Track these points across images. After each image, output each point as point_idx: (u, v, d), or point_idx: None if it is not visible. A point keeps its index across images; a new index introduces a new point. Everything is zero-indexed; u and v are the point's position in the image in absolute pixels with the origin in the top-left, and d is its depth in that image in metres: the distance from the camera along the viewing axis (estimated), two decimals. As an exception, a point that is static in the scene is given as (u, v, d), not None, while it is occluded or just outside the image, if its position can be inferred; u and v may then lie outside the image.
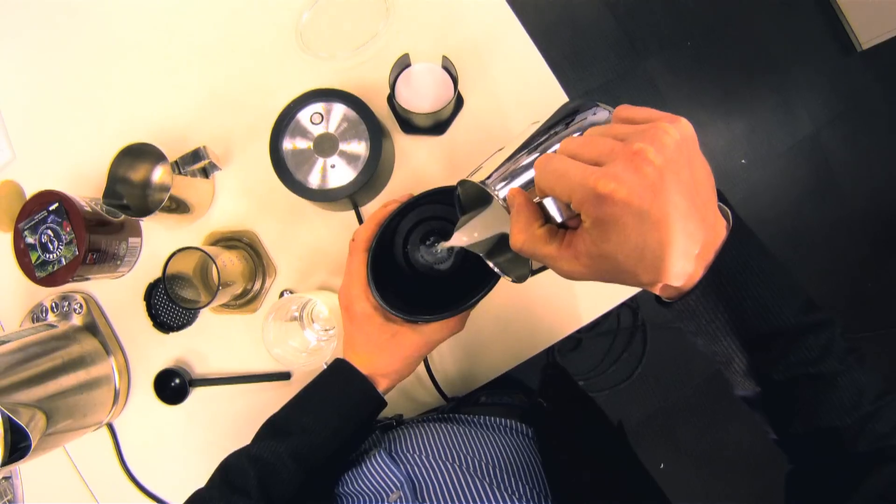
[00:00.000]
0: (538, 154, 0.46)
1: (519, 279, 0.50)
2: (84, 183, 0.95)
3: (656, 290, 0.43)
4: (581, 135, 0.42)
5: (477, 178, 0.47)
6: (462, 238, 0.55)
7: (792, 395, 0.44)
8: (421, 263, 0.71)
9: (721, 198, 0.45)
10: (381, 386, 0.66)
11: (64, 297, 0.93)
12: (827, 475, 0.45)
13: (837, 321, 0.44)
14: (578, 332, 0.92)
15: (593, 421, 0.83)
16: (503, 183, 0.45)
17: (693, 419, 2.16)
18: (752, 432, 2.06)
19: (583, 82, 2.15)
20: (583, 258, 0.41)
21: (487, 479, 0.58)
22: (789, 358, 0.43)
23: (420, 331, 0.66)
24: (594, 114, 0.47)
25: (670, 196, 0.37)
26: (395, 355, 0.65)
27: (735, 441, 2.13)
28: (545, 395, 0.80)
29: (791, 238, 2.18)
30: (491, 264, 0.54)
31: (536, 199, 0.43)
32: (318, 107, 0.77)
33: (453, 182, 0.57)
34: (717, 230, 0.41)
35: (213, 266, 0.75)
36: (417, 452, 0.63)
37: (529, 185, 0.45)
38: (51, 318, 0.93)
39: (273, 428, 0.65)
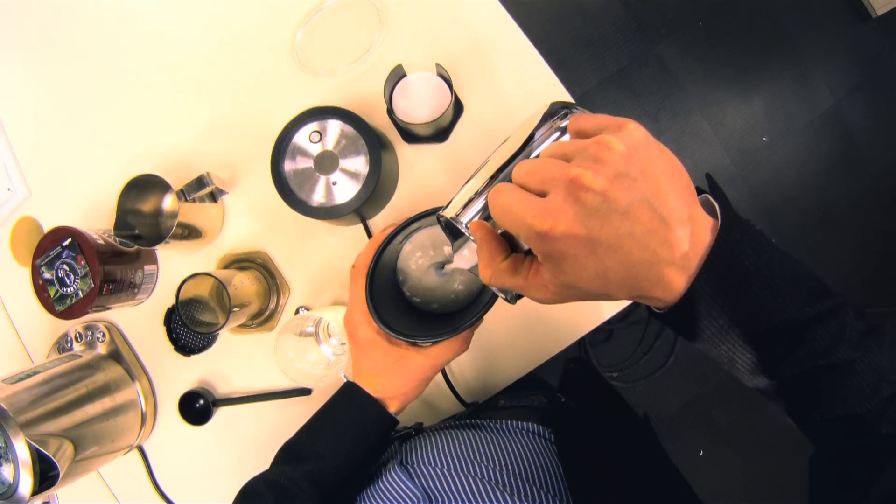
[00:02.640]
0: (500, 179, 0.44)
1: (512, 299, 0.49)
2: (98, 215, 0.98)
3: (641, 302, 0.42)
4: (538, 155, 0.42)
5: (451, 208, 0.47)
6: (459, 263, 0.55)
7: (806, 387, 0.41)
8: (423, 286, 0.71)
9: (713, 188, 0.43)
10: (392, 408, 0.67)
11: (88, 327, 0.96)
12: (850, 459, 0.42)
13: (849, 303, 0.41)
14: (609, 322, 0.90)
15: (617, 417, 0.83)
16: (471, 214, 0.45)
17: (730, 404, 2.12)
18: (790, 414, 2.04)
19: (596, 71, 2.13)
20: (550, 286, 0.40)
21: (502, 485, 0.58)
22: (797, 353, 0.39)
23: (425, 353, 0.66)
24: (562, 122, 0.44)
25: (622, 216, 0.35)
26: (402, 378, 0.66)
27: (772, 424, 2.09)
28: (565, 390, 0.79)
29: (819, 213, 2.13)
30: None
31: (500, 230, 0.43)
32: (316, 125, 0.77)
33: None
34: (698, 234, 0.38)
35: (234, 286, 0.76)
36: (434, 464, 0.62)
37: None
38: (76, 347, 0.96)
39: (289, 454, 0.66)
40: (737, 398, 2.11)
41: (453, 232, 0.54)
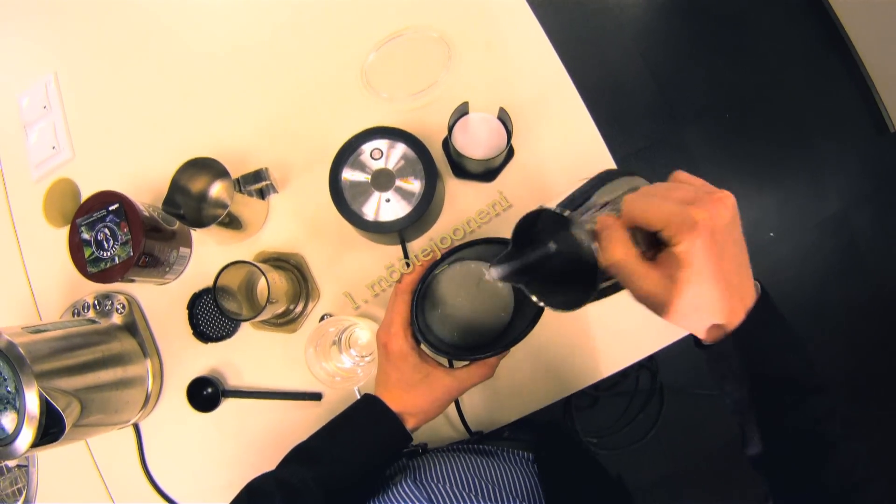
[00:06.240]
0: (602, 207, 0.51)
1: (566, 306, 0.51)
2: (139, 188, 1.00)
3: (700, 333, 0.50)
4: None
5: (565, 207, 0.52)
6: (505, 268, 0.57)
7: (794, 451, 0.49)
8: (449, 317, 0.74)
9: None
10: (409, 424, 0.68)
11: (107, 296, 0.97)
12: None
13: (839, 393, 0.49)
14: (596, 389, 0.92)
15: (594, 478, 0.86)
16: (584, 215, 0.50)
17: (699, 489, 2.13)
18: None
19: (621, 146, 2.19)
20: (665, 280, 0.44)
21: None
22: (798, 409, 0.48)
23: (452, 374, 0.68)
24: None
25: (733, 245, 0.45)
26: (426, 396, 0.68)
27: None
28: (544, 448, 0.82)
29: (813, 313, 2.15)
30: (534, 297, 0.54)
31: None
32: (380, 143, 0.81)
33: (497, 231, 0.60)
34: (750, 295, 0.48)
35: (265, 281, 0.78)
36: (440, 482, 0.65)
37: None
38: (91, 314, 0.96)
39: (301, 455, 0.67)
40: (706, 485, 2.11)
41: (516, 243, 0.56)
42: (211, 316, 0.94)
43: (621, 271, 0.45)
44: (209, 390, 0.92)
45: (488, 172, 0.90)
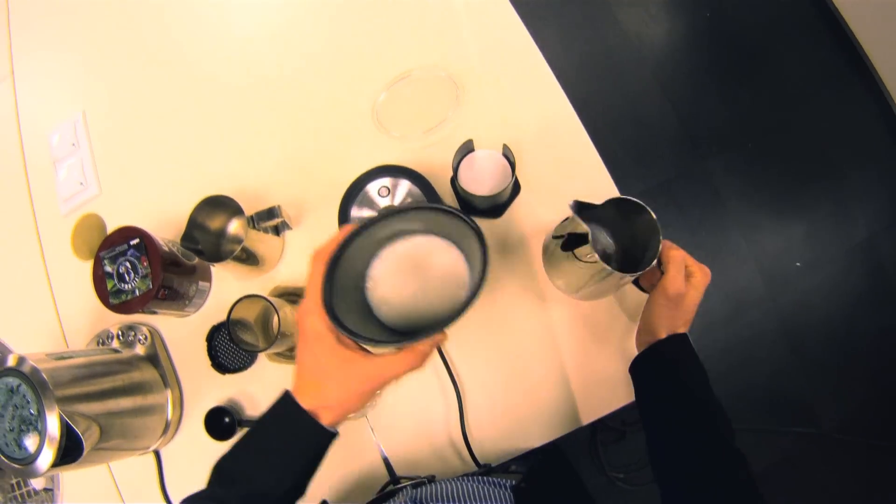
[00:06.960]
0: None
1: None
2: (162, 225, 1.03)
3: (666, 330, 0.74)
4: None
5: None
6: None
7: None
8: (395, 298, 0.67)
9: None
10: (326, 419, 0.59)
11: (130, 327, 1.00)
12: None
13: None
14: (623, 424, 0.92)
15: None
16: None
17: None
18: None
19: (643, 179, 2.19)
20: (683, 289, 0.72)
21: None
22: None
23: (374, 361, 0.58)
24: None
25: (688, 300, 0.73)
26: (343, 384, 0.59)
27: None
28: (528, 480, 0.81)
29: (840, 344, 2.10)
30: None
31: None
32: (387, 181, 0.84)
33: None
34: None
35: (276, 315, 0.81)
36: (437, 500, 0.66)
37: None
38: (115, 344, 1.00)
39: (220, 474, 0.63)
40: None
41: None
42: (228, 348, 0.97)
43: (676, 263, 0.71)
44: (226, 420, 0.94)
45: (495, 208, 0.92)
